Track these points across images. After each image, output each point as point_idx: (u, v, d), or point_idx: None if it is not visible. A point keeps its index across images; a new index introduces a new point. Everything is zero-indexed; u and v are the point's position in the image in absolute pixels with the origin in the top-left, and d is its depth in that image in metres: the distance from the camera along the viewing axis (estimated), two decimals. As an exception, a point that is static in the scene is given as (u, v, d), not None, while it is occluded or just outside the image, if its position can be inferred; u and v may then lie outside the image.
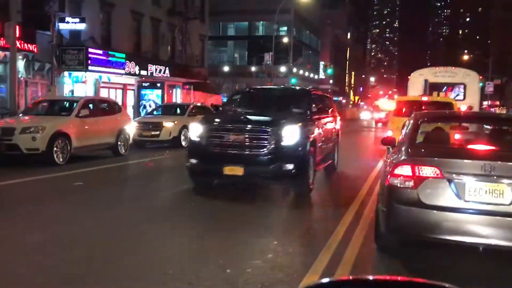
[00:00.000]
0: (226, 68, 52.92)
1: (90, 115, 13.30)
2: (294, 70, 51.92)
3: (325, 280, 1.45)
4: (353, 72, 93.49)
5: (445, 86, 21.04)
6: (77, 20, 23.45)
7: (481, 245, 4.77)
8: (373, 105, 69.01)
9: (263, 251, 5.44)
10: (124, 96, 29.25)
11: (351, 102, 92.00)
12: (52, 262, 4.94)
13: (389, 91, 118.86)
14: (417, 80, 20.54)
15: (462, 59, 61.68)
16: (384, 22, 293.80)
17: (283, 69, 51.38)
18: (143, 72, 29.17)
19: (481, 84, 24.59)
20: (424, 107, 14.41)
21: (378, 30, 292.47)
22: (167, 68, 31.85)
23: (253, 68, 50.17)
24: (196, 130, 8.63)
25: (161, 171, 12.83)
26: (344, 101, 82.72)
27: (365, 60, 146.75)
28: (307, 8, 55.73)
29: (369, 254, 5.55)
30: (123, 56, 27.01)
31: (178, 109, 19.96)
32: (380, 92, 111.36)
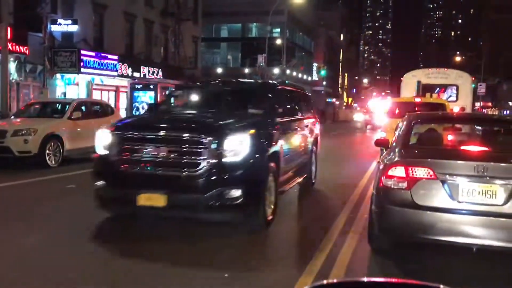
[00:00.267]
0: (220, 70, 52.87)
1: (83, 117, 13.25)
2: (288, 72, 51.89)
3: (319, 283, 1.44)
4: (347, 74, 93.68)
5: (438, 88, 21.11)
6: (70, 22, 23.38)
7: (475, 246, 4.80)
8: (366, 107, 69.24)
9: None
10: (117, 98, 29.18)
11: (345, 104, 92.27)
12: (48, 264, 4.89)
13: (382, 93, 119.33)
14: (410, 82, 20.59)
15: (455, 60, 62.07)
16: (377, 24, 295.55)
17: (277, 71, 51.42)
18: (136, 74, 29.10)
19: (474, 86, 24.71)
20: (417, 108, 14.46)
21: (371, 32, 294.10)
22: (160, 70, 31.78)
23: (247, 70, 50.17)
24: (104, 139, 6.17)
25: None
26: (338, 103, 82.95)
27: (359, 62, 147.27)
28: (301, 10, 55.78)
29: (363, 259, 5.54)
30: (116, 58, 26.95)
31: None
32: (374, 94, 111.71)
